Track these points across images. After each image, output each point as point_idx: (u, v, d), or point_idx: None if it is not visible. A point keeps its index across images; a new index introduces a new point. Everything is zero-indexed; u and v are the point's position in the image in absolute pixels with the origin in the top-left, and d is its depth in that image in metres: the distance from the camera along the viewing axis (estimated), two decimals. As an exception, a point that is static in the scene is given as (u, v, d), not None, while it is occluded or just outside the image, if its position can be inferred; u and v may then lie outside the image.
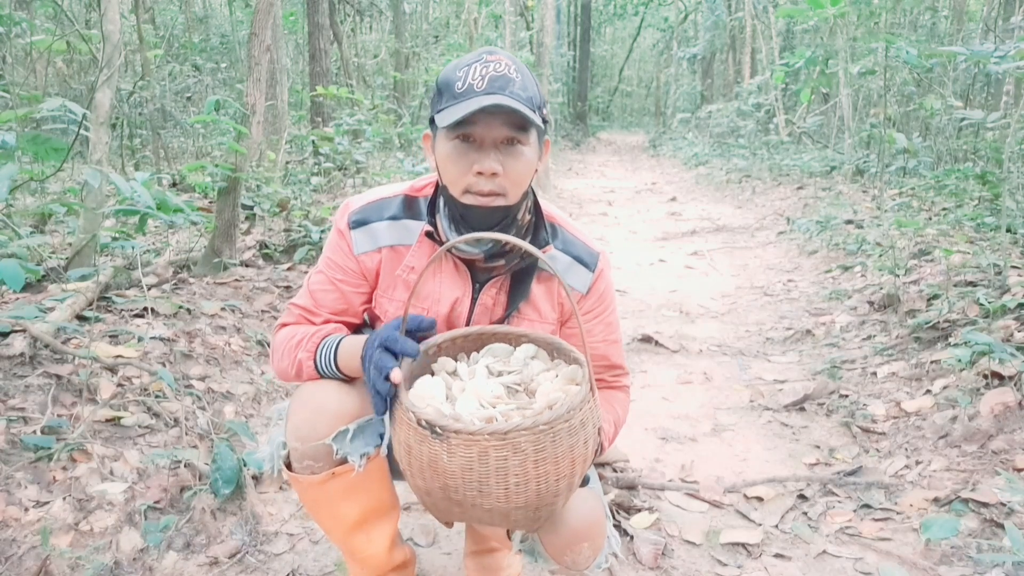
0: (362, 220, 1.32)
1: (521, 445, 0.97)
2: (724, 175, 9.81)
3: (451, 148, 1.16)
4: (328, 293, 1.34)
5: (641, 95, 29.67)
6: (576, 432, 1.01)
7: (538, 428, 0.98)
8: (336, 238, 1.34)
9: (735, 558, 1.88)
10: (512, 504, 1.02)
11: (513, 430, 0.97)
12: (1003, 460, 2.10)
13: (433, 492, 1.06)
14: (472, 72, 1.14)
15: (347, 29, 10.05)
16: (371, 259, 1.32)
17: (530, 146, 1.18)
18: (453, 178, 1.18)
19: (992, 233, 4.03)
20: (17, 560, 1.60)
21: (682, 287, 4.72)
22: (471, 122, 1.13)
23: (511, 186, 1.17)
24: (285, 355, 1.31)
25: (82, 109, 2.32)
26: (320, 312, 1.34)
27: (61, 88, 6.14)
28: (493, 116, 1.13)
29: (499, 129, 1.14)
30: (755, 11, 12.36)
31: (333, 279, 1.33)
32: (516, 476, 0.99)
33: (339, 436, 1.23)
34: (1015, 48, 3.49)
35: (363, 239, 1.31)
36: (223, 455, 1.97)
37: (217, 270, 3.55)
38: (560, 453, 1.00)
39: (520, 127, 1.15)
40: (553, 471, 1.01)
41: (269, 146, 5.38)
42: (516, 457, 0.98)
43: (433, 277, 1.31)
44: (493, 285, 1.31)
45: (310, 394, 1.27)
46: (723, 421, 2.72)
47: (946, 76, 6.81)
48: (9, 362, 2.18)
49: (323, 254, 1.36)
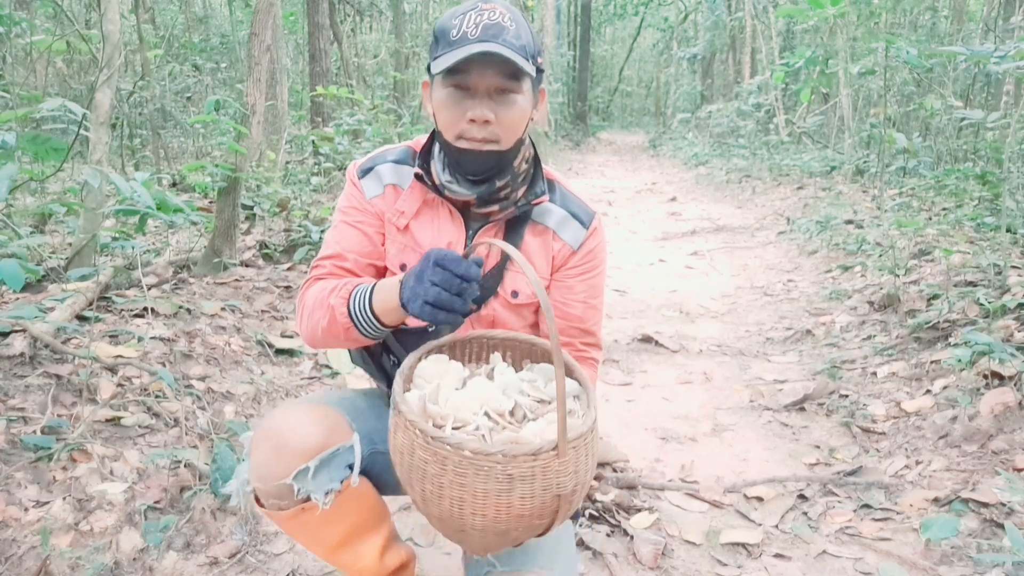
0: (369, 167, 1.35)
1: (444, 460, 0.93)
2: (724, 175, 9.81)
3: (445, 95, 1.18)
4: (352, 237, 1.33)
5: (641, 95, 29.67)
6: (512, 481, 0.93)
7: (463, 452, 0.92)
8: (349, 189, 1.36)
9: (735, 558, 1.88)
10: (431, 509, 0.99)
11: (437, 439, 0.94)
12: (1003, 460, 2.10)
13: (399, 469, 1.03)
14: (467, 20, 1.15)
15: (347, 29, 10.05)
16: (381, 202, 1.34)
17: (523, 94, 1.19)
18: (447, 124, 1.19)
19: (992, 233, 4.03)
20: (17, 560, 1.60)
21: (682, 287, 4.72)
22: (464, 70, 1.15)
23: (504, 133, 1.18)
24: (317, 307, 1.24)
25: (82, 109, 2.32)
26: (348, 256, 1.32)
27: (61, 88, 6.14)
28: (486, 64, 1.14)
29: (492, 77, 1.15)
30: (755, 11, 12.36)
31: (354, 222, 1.33)
32: (436, 486, 0.95)
33: (300, 475, 1.17)
34: (1015, 48, 3.48)
35: (371, 184, 1.34)
36: (223, 455, 1.97)
37: (217, 270, 3.55)
38: (484, 491, 0.93)
39: (512, 76, 1.16)
40: (471, 501, 0.95)
41: (269, 146, 5.38)
42: (436, 467, 0.94)
43: (431, 224, 1.31)
44: (486, 232, 1.30)
45: (272, 426, 1.20)
46: (723, 421, 2.72)
47: (946, 76, 6.81)
48: (9, 362, 2.18)
49: (337, 209, 1.37)
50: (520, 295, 1.33)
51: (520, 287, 1.33)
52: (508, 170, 1.25)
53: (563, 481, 0.96)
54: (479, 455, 0.91)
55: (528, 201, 1.29)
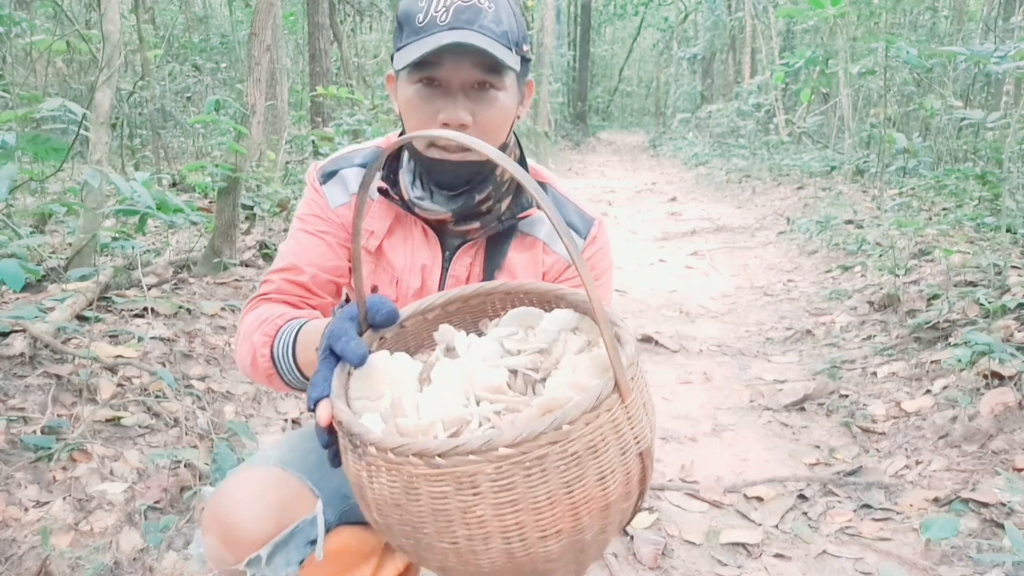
0: (332, 171, 1.16)
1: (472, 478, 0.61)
2: (724, 175, 9.81)
3: (413, 93, 1.00)
4: (312, 248, 1.12)
5: (641, 95, 29.67)
6: (581, 461, 0.63)
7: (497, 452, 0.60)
8: (309, 195, 1.17)
9: (735, 558, 1.88)
10: (469, 568, 0.67)
11: (452, 452, 0.61)
12: (1003, 460, 2.10)
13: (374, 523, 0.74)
14: (436, 1, 0.96)
15: (347, 29, 10.05)
16: (347, 212, 1.13)
17: (506, 90, 1.01)
18: (415, 129, 1.01)
19: (992, 233, 4.03)
20: (17, 560, 1.60)
21: (682, 287, 4.72)
22: (434, 63, 0.96)
23: (484, 138, 0.98)
24: (244, 339, 1.04)
25: (82, 109, 2.32)
26: (305, 269, 1.11)
27: (61, 88, 6.14)
28: (460, 56, 0.95)
29: (468, 71, 0.97)
30: (755, 11, 12.36)
31: (316, 231, 1.13)
32: (467, 525, 0.63)
33: (252, 562, 1.00)
34: (1015, 48, 3.48)
35: (336, 191, 1.14)
36: (223, 455, 1.97)
37: (217, 270, 3.55)
38: (549, 494, 0.63)
39: (492, 68, 0.98)
40: (533, 522, 0.63)
41: (269, 146, 5.38)
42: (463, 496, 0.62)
43: (404, 244, 1.13)
44: (466, 252, 1.12)
45: (219, 511, 1.00)
46: (723, 421, 2.72)
47: (946, 76, 6.81)
48: (9, 362, 2.18)
49: (296, 217, 1.17)
50: None
51: None
52: (490, 180, 1.06)
53: (640, 430, 0.68)
54: (522, 444, 0.61)
55: (514, 214, 1.11)
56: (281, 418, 2.52)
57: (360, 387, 0.81)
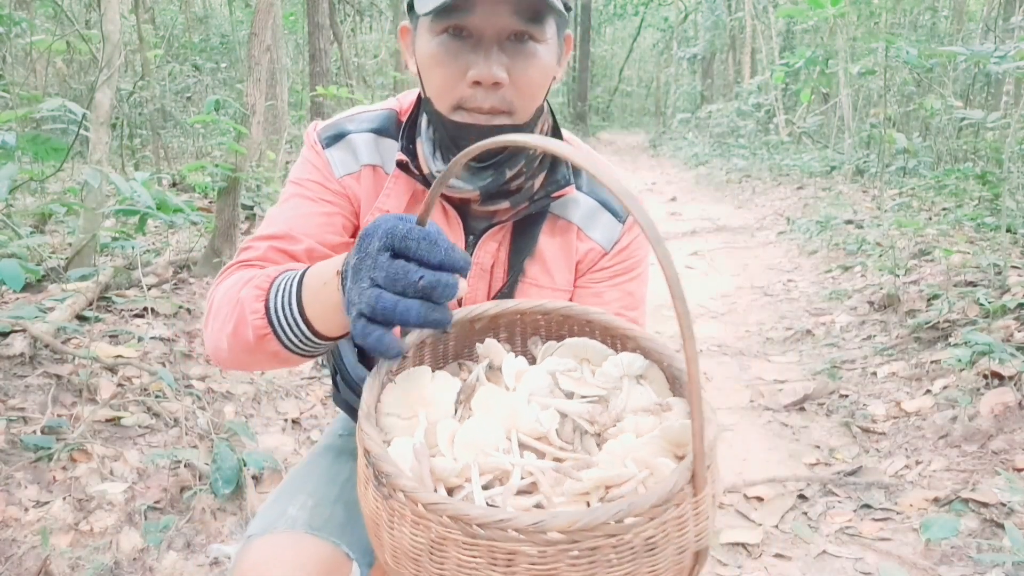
0: (338, 133, 0.97)
1: (509, 556, 0.54)
2: (724, 175, 9.81)
3: (437, 46, 0.83)
4: (311, 215, 0.93)
5: (641, 95, 29.66)
6: (636, 558, 0.55)
7: (545, 536, 0.53)
8: (309, 158, 0.98)
9: (735, 558, 1.88)
10: None
11: (494, 524, 0.53)
12: (1003, 460, 2.10)
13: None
14: None
15: (347, 29, 10.05)
16: (354, 183, 0.97)
17: (547, 43, 0.85)
18: (440, 89, 0.85)
19: (992, 233, 4.03)
20: (17, 560, 1.60)
21: (682, 287, 4.72)
22: (465, 8, 0.80)
23: (520, 100, 0.84)
24: (224, 303, 0.82)
25: (82, 109, 2.32)
26: (302, 239, 0.90)
27: (61, 88, 6.14)
28: (496, 1, 0.80)
29: (505, 18, 0.80)
30: (755, 11, 12.36)
31: (317, 198, 0.95)
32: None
33: None
34: (1015, 48, 3.49)
35: (343, 157, 0.97)
36: (223, 455, 1.97)
37: (217, 270, 3.55)
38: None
39: (534, 16, 0.81)
40: None
41: (269, 146, 5.38)
42: (496, 570, 0.55)
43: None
44: (492, 237, 0.96)
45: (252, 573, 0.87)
46: (723, 421, 2.72)
47: (946, 76, 6.81)
48: (9, 362, 2.18)
49: (290, 180, 0.98)
50: None
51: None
52: (522, 153, 0.90)
53: (703, 527, 0.59)
54: (576, 533, 0.53)
55: (547, 193, 0.95)
56: (281, 418, 2.52)
57: (393, 401, 0.71)
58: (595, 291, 1.01)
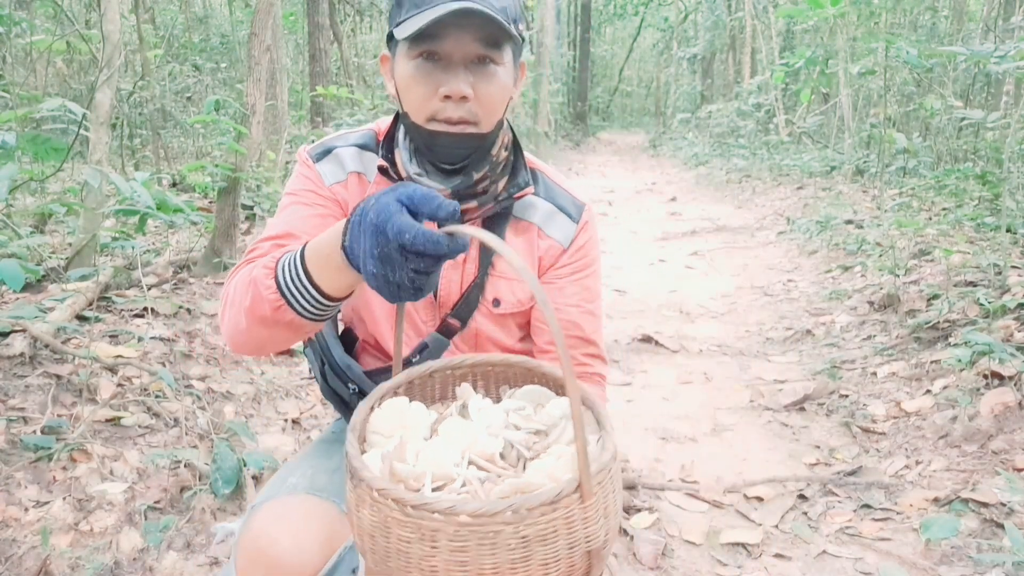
0: (326, 149, 1.14)
1: (433, 533, 0.70)
2: (724, 175, 9.81)
3: (413, 68, 0.99)
4: (307, 218, 1.08)
5: (641, 95, 29.66)
6: (529, 545, 0.70)
7: (458, 518, 0.69)
8: (302, 172, 1.14)
9: (735, 558, 1.88)
10: None
11: (421, 506, 0.70)
12: (1003, 460, 2.10)
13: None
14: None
15: (347, 29, 10.05)
16: (343, 190, 1.12)
17: (504, 66, 1.02)
18: (416, 103, 1.00)
19: (992, 233, 4.03)
20: (17, 560, 1.60)
21: (682, 287, 4.72)
22: (436, 35, 0.97)
23: (483, 112, 1.01)
24: (239, 289, 0.96)
25: (82, 109, 2.32)
26: (302, 236, 1.04)
27: (61, 88, 6.14)
28: (463, 29, 0.96)
29: (469, 45, 0.98)
30: (755, 11, 12.36)
31: (310, 203, 1.10)
32: (422, 571, 0.72)
33: None
34: (1015, 48, 3.48)
35: (331, 168, 1.13)
36: (223, 455, 1.97)
37: (217, 270, 3.55)
38: (495, 565, 0.71)
39: (493, 43, 0.99)
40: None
41: (269, 146, 5.38)
42: (423, 545, 0.71)
43: None
44: None
45: (260, 547, 0.96)
46: (723, 421, 2.72)
47: (946, 76, 6.81)
48: (9, 362, 2.18)
49: (286, 193, 1.13)
50: (503, 303, 1.14)
51: (502, 294, 1.14)
52: (486, 159, 1.07)
53: (593, 531, 0.73)
54: (481, 517, 0.69)
55: (510, 195, 1.11)
56: (281, 418, 2.52)
57: (380, 423, 0.88)
58: (558, 286, 1.16)
